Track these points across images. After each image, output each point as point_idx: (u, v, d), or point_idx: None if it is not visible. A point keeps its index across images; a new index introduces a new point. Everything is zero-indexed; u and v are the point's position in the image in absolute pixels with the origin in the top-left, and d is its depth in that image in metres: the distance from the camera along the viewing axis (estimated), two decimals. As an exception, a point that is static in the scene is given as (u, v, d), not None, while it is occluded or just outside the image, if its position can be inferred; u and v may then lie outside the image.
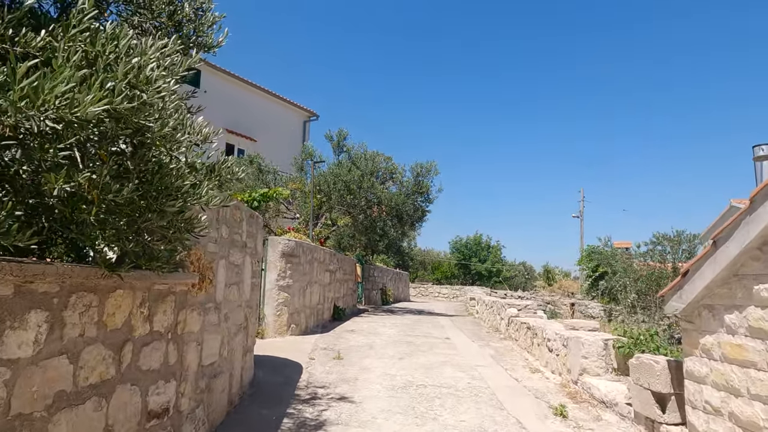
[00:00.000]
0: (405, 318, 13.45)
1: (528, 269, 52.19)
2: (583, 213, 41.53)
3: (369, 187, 13.10)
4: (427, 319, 13.40)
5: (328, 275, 11.26)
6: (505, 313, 10.14)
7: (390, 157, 14.54)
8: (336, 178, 12.95)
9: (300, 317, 9.07)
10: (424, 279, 44.09)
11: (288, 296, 8.63)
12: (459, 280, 45.63)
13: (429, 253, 51.25)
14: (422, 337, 9.56)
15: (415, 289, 33.16)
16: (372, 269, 18.36)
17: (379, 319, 12.70)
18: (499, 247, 46.08)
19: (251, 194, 11.30)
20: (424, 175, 13.89)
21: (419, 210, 14.44)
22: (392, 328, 10.87)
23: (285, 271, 8.62)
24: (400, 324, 11.66)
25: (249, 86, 25.40)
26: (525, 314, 10.01)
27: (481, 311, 13.35)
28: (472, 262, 43.89)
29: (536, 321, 8.41)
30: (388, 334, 9.89)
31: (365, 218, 14.55)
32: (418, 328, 11.07)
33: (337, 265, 12.15)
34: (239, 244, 4.76)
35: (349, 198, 13.01)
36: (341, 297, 12.62)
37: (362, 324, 11.32)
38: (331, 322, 11.29)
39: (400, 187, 14.25)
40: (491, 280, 44.85)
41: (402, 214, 14.17)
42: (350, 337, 9.15)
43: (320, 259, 10.44)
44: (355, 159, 13.61)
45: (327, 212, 13.13)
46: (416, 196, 14.08)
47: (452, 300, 31.75)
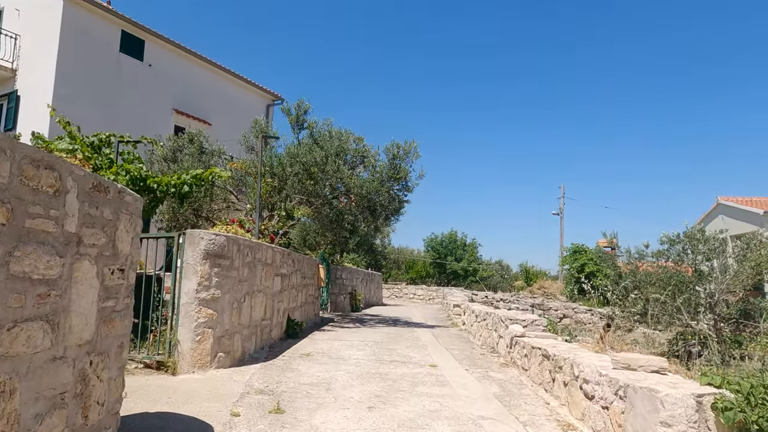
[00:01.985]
0: (377, 331, 11.07)
1: (505, 268, 50.56)
2: (563, 210, 39.99)
3: (335, 172, 10.65)
4: (404, 332, 11.05)
5: (279, 281, 8.78)
6: (507, 331, 7.86)
7: (361, 138, 12.13)
8: (293, 159, 10.47)
9: (233, 341, 6.58)
10: (398, 279, 41.84)
11: (213, 313, 6.13)
12: (434, 279, 43.70)
13: (403, 251, 49.08)
14: (400, 365, 7.18)
15: (388, 290, 30.86)
16: (339, 271, 15.96)
17: (346, 334, 10.27)
18: (475, 245, 44.26)
19: (180, 176, 8.75)
20: (402, 158, 11.52)
21: (395, 200, 12.07)
22: (361, 348, 8.47)
23: (209, 278, 6.12)
24: (371, 341, 9.27)
25: (204, 63, 22.52)
26: (532, 332, 7.75)
27: (469, 322, 11.08)
28: (448, 261, 41.89)
29: (557, 348, 6.15)
30: (354, 359, 7.48)
31: (331, 210, 12.10)
32: (394, 348, 8.70)
33: (293, 267, 9.68)
34: (56, 238, 2.31)
35: (309, 184, 10.55)
36: (298, 307, 10.15)
37: (322, 343, 8.88)
38: (283, 342, 8.81)
39: (372, 173, 11.84)
40: (467, 280, 43.04)
41: (375, 206, 11.78)
42: (303, 368, 6.71)
43: (266, 261, 7.96)
44: (318, 138, 11.14)
45: (281, 201, 10.66)
46: (392, 183, 11.69)
47: (429, 302, 29.56)
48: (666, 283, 11.07)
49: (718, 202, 29.90)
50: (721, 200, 29.68)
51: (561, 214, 39.87)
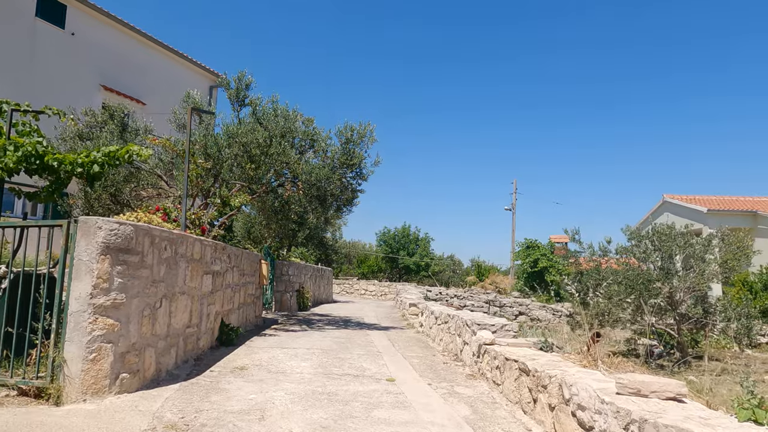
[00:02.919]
0: (327, 335, 9.90)
1: (456, 263, 50.49)
2: (515, 206, 40.05)
3: (279, 155, 9.35)
4: (357, 336, 9.94)
5: (211, 280, 7.45)
6: (474, 338, 6.92)
7: (311, 119, 10.86)
8: (231, 139, 9.08)
9: (143, 357, 5.25)
10: (349, 273, 40.71)
11: (115, 323, 4.79)
12: (385, 274, 42.91)
13: (355, 245, 47.99)
14: (353, 380, 6.07)
15: (339, 285, 29.67)
16: (286, 266, 14.64)
17: (290, 340, 9.05)
18: (428, 239, 43.73)
19: (89, 153, 7.25)
20: (356, 143, 10.34)
21: (348, 189, 10.89)
22: (307, 358, 7.28)
23: (110, 278, 4.77)
24: (319, 349, 8.10)
25: (139, 36, 20.41)
26: (502, 338, 6.84)
27: (428, 324, 10.12)
28: (401, 255, 41.13)
29: (537, 361, 5.22)
30: (298, 373, 6.31)
31: (275, 199, 10.80)
32: (345, 356, 7.57)
33: (229, 263, 8.35)
34: None
35: (249, 168, 9.20)
36: (234, 309, 8.83)
37: (261, 352, 7.62)
38: (214, 351, 7.49)
39: (323, 158, 10.61)
40: (419, 275, 42.51)
41: (325, 195, 10.56)
42: (234, 387, 5.47)
43: (193, 256, 6.63)
44: (261, 116, 9.79)
45: (214, 187, 9.24)
46: (345, 170, 10.50)
47: (381, 298, 28.63)
48: (632, 282, 10.54)
49: (664, 200, 30.57)
50: (666, 198, 30.36)
51: (513, 209, 39.91)
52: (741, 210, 26.33)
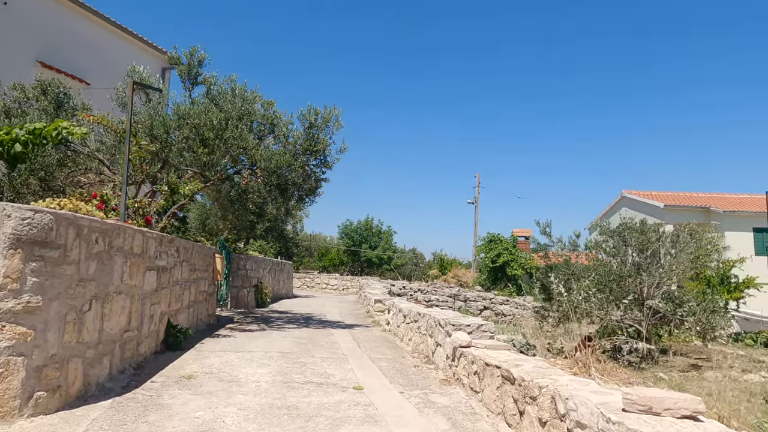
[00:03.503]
0: (287, 335, 9.16)
1: (419, 256, 50.38)
2: (478, 200, 40.08)
3: (236, 139, 8.51)
4: (319, 336, 9.25)
5: (155, 277, 6.60)
6: (449, 340, 6.38)
7: (272, 102, 10.04)
8: (181, 120, 8.15)
9: (65, 370, 4.41)
10: (311, 267, 39.79)
11: (28, 332, 3.95)
12: (347, 267, 42.27)
13: (316, 237, 47.05)
14: (316, 388, 5.41)
15: (299, 279, 28.78)
16: (243, 260, 13.75)
17: (246, 341, 8.26)
18: (390, 232, 43.30)
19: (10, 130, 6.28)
20: (320, 128, 9.59)
21: (311, 177, 10.14)
22: (264, 364, 6.55)
23: (22, 277, 3.92)
24: (278, 352, 7.38)
25: (85, 11, 18.73)
26: (478, 339, 6.33)
27: (395, 323, 9.55)
28: (363, 248, 40.55)
29: (521, 368, 4.71)
30: (254, 382, 5.59)
31: (232, 188, 9.94)
32: (307, 360, 6.89)
33: (178, 257, 7.50)
34: None
35: (202, 153, 8.31)
36: (184, 308, 7.98)
37: (213, 357, 6.84)
38: (159, 357, 6.66)
39: (284, 144, 9.82)
40: (381, 268, 42.10)
41: (286, 183, 9.77)
42: (178, 402, 4.72)
43: (132, 250, 5.78)
44: (216, 96, 8.89)
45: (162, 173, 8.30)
46: (308, 157, 9.73)
47: (343, 293, 27.95)
48: (604, 277, 10.30)
49: (622, 195, 31.19)
50: (624, 193, 30.97)
51: (476, 203, 39.93)
52: (695, 206, 27.08)
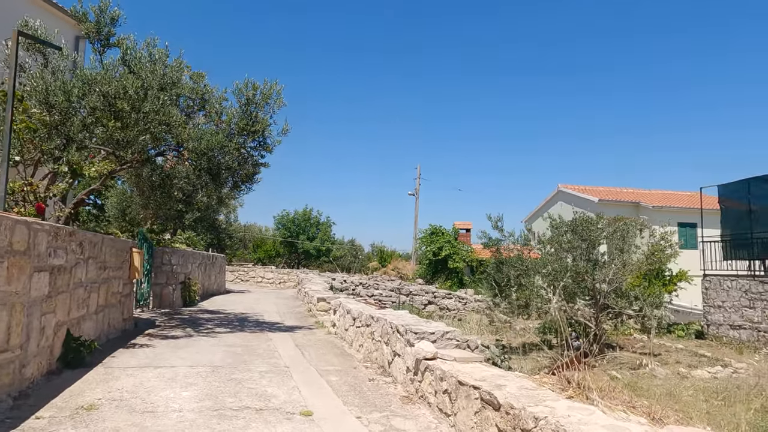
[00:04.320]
0: (218, 342, 7.96)
1: (357, 248, 49.58)
2: (419, 191, 39.79)
3: (158, 113, 7.17)
4: (256, 342, 8.12)
5: (47, 279, 5.26)
6: (411, 350, 5.53)
7: (203, 74, 8.71)
8: (87, 86, 6.68)
9: None
10: (245, 259, 37.89)
11: None
12: (283, 259, 40.74)
13: (251, 228, 45.01)
14: (254, 418, 4.37)
15: (232, 273, 27.08)
16: (168, 254, 12.24)
17: (168, 352, 7.00)
18: (329, 223, 42.16)
19: None
20: (259, 105, 8.38)
21: (248, 162, 8.91)
22: (189, 383, 5.40)
23: None
24: (207, 366, 6.23)
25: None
26: (444, 348, 5.54)
27: (343, 324, 8.61)
28: (300, 239, 39.14)
29: (504, 389, 3.93)
30: (175, 412, 4.46)
31: (153, 171, 8.55)
32: (242, 377, 5.80)
33: (80, 254, 6.13)
34: None
35: (113, 127, 6.91)
36: (90, 315, 6.61)
37: (124, 377, 5.59)
38: (52, 379, 5.33)
39: (217, 123, 8.54)
40: (319, 260, 40.92)
41: (219, 168, 8.50)
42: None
43: (12, 247, 4.45)
44: (132, 61, 7.48)
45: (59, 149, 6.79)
46: (245, 138, 8.51)
47: (280, 287, 26.58)
48: (561, 273, 9.91)
49: (558, 189, 31.86)
50: (561, 187, 31.65)
51: (416, 194, 39.64)
52: (626, 201, 28.10)
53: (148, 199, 9.53)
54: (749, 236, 14.31)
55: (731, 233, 15.11)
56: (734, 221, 15.05)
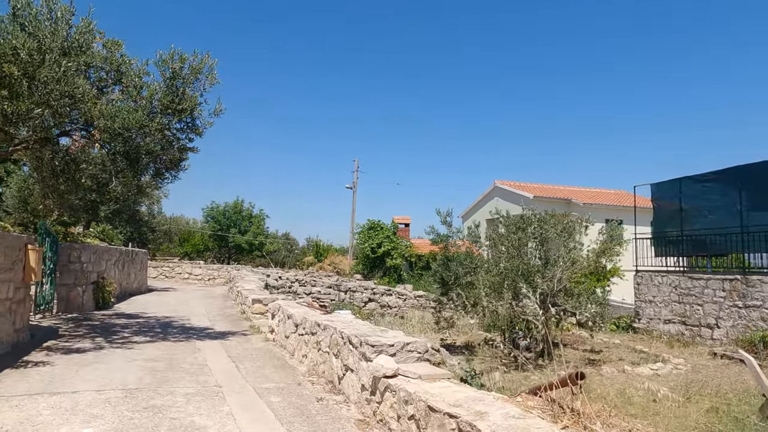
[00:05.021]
0: (134, 356, 6.80)
1: (292, 242, 48.10)
2: (356, 184, 39.06)
3: (59, 82, 5.92)
4: (181, 353, 7.04)
5: None
6: (367, 365, 4.79)
7: (119, 42, 7.43)
8: (-38, 43, 5.32)
9: None
10: (170, 253, 35.45)
11: None
12: (213, 253, 38.63)
13: (177, 220, 42.32)
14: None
15: (156, 269, 25.05)
16: (77, 251, 10.67)
17: (69, 373, 5.80)
18: (262, 216, 40.45)
19: None
20: (188, 81, 7.23)
21: (175, 145, 7.72)
22: (94, 418, 4.31)
23: None
24: (120, 389, 5.14)
25: None
26: (404, 363, 4.85)
27: (283, 331, 7.70)
28: (231, 233, 37.22)
29: (488, 418, 3.32)
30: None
31: (56, 154, 7.19)
32: (164, 404, 4.78)
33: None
34: None
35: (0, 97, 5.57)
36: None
37: (6, 410, 4.41)
38: None
39: (136, 99, 7.31)
40: (252, 254, 39.18)
41: (139, 152, 7.29)
42: None
43: None
44: (26, 18, 6.14)
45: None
46: (170, 118, 7.33)
47: (210, 283, 24.89)
48: (511, 271, 9.56)
49: (495, 185, 32.29)
50: (497, 183, 32.08)
51: (354, 188, 38.88)
52: (559, 197, 28.90)
53: (51, 186, 8.09)
54: (680, 233, 14.83)
55: (663, 230, 15.62)
56: (666, 219, 15.57)
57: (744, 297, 12.50)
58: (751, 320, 12.25)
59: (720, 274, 13.31)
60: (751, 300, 12.32)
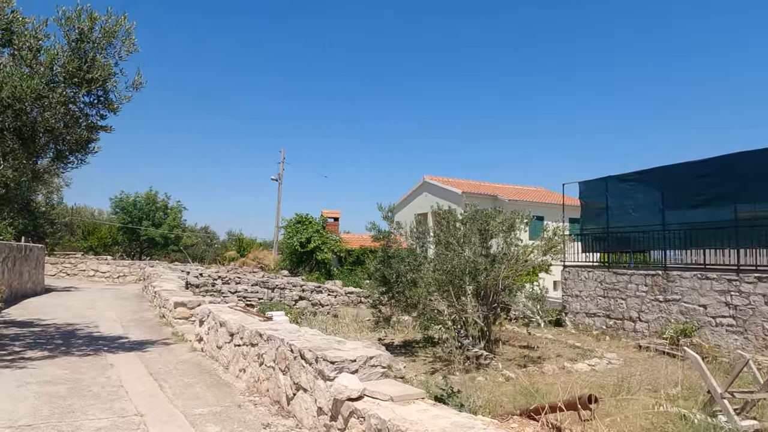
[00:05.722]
0: (27, 380, 5.56)
1: (212, 236, 45.64)
2: (282, 176, 37.58)
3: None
4: (89, 373, 5.87)
5: None
6: (326, 386, 4.09)
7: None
8: None
9: None
10: (72, 248, 32.04)
11: None
12: (123, 247, 35.60)
13: (80, 212, 38.54)
14: None
15: (56, 265, 22.40)
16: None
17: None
18: (179, 208, 37.92)
19: None
20: (99, 45, 5.97)
21: (82, 123, 6.45)
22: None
23: None
24: (3, 429, 4.05)
25: None
26: (369, 381, 4.21)
27: (214, 340, 6.74)
28: (144, 225, 34.44)
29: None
30: None
31: None
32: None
33: None
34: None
35: None
36: None
37: None
38: None
39: (31, 64, 5.99)
40: (167, 249, 36.60)
41: (35, 128, 5.96)
42: None
43: None
44: None
45: None
46: (75, 89, 6.08)
47: (119, 281, 22.63)
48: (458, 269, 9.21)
49: (424, 180, 32.37)
50: (426, 178, 32.18)
51: (280, 179, 37.38)
52: (486, 193, 29.49)
53: None
54: (606, 230, 15.39)
55: (590, 227, 16.16)
56: (593, 216, 16.12)
57: (664, 291, 13.14)
58: (671, 313, 12.90)
59: (643, 270, 13.92)
60: (671, 294, 12.97)
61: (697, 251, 13.29)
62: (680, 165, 13.42)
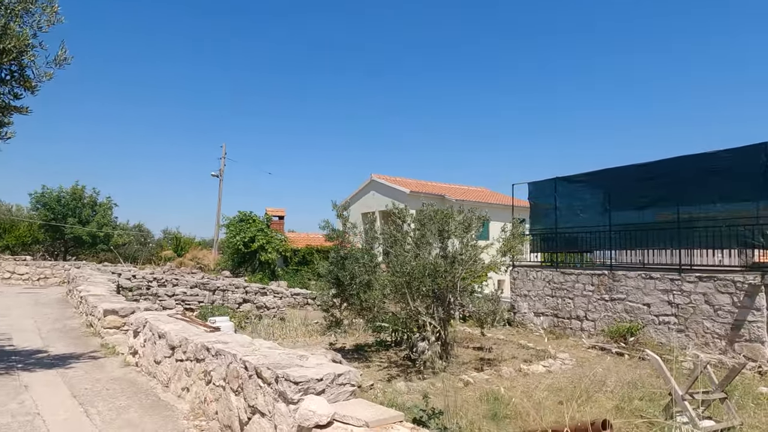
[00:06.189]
0: None
1: (146, 234, 43.11)
2: (223, 172, 35.99)
3: None
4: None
5: None
6: (285, 409, 3.54)
7: None
8: None
9: None
10: (-16, 247, 29.15)
11: None
12: (45, 246, 32.82)
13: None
14: None
15: (-37, 267, 20.10)
16: None
17: None
18: (109, 204, 35.44)
19: None
20: (15, 12, 5.01)
21: (-9, 102, 5.47)
22: None
23: None
24: None
25: None
26: (338, 403, 3.71)
27: (152, 354, 5.95)
28: (69, 223, 31.86)
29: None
30: None
31: None
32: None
33: None
34: None
35: None
36: None
37: None
38: None
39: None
40: (96, 248, 34.10)
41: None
42: None
43: None
44: None
45: None
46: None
47: (41, 285, 20.63)
48: (417, 271, 8.84)
49: (372, 179, 31.99)
50: (374, 177, 31.81)
51: (221, 175, 35.75)
52: (434, 193, 29.52)
53: None
54: (554, 230, 15.60)
55: (539, 227, 16.35)
56: (541, 216, 16.32)
57: (610, 291, 13.45)
58: (616, 312, 13.22)
59: (589, 270, 14.19)
60: (616, 293, 13.28)
61: (641, 251, 13.72)
62: (627, 167, 13.79)
